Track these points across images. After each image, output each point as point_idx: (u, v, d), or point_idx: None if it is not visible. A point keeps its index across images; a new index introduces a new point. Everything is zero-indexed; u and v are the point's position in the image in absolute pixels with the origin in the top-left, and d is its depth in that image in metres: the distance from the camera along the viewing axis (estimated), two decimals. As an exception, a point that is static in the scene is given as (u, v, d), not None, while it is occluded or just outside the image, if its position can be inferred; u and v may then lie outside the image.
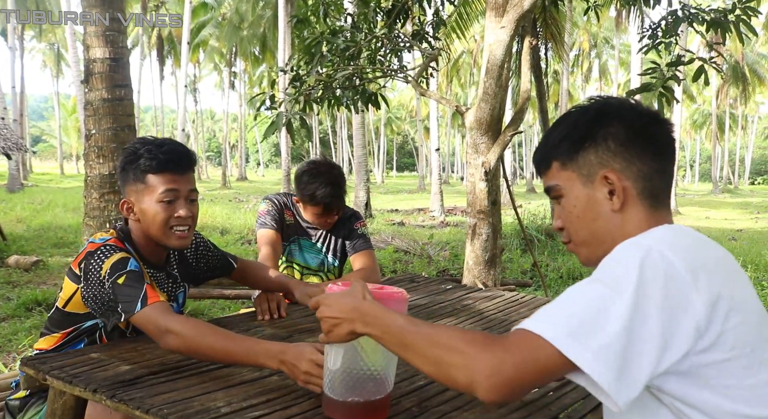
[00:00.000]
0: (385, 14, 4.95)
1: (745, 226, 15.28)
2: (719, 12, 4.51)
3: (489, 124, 4.07)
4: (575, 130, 1.04)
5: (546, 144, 1.08)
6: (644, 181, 1.00)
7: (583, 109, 1.06)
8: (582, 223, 1.04)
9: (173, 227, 1.67)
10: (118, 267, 1.55)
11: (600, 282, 0.87)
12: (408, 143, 62.12)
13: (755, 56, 32.40)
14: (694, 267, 0.86)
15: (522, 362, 0.84)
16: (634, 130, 1.01)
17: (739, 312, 0.87)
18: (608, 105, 1.04)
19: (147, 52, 33.79)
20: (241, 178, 38.92)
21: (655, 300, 0.82)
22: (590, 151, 1.02)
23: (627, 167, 1.00)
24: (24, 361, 1.43)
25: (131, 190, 1.68)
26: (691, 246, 0.92)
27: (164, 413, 1.16)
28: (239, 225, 10.82)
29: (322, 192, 2.30)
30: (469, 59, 31.58)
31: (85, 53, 4.94)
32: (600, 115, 1.03)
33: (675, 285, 0.84)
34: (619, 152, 1.00)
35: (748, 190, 42.12)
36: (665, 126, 1.03)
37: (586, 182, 1.03)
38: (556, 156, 1.06)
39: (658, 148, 1.01)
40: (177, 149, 1.69)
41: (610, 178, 1.00)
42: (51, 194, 17.28)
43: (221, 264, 2.01)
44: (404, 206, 19.42)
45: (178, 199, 1.66)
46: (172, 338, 1.45)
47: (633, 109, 1.03)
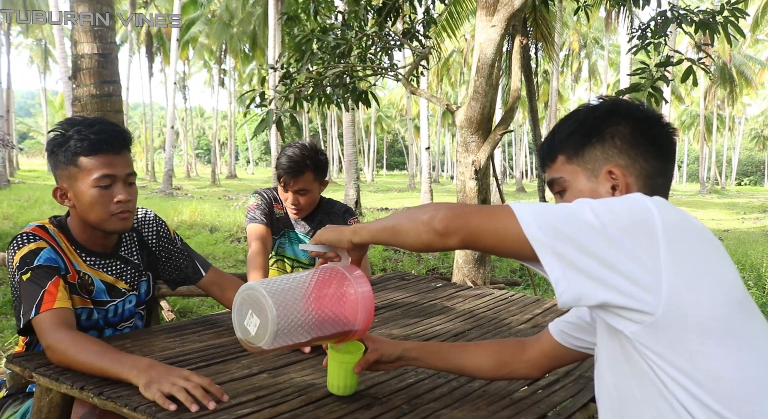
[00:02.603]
0: (375, 12, 4.94)
1: (731, 227, 15.42)
2: (707, 13, 4.55)
3: (479, 123, 4.08)
4: (583, 125, 1.07)
5: (553, 138, 1.11)
6: (646, 178, 1.03)
7: (593, 107, 1.09)
8: None
9: (113, 213, 1.56)
10: (26, 261, 1.47)
11: (576, 203, 0.89)
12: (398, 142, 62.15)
13: (743, 58, 32.69)
14: (669, 220, 0.86)
15: (485, 214, 0.90)
16: (641, 130, 1.04)
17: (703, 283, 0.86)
18: (618, 104, 1.08)
19: (136, 49, 33.57)
20: (231, 175, 38.78)
21: (626, 230, 0.84)
22: (597, 146, 1.05)
23: (631, 165, 1.03)
24: (10, 359, 1.42)
25: (63, 175, 1.56)
26: (682, 215, 0.92)
27: (152, 410, 1.16)
28: (229, 223, 10.77)
29: (285, 156, 2.29)
30: (459, 58, 31.64)
31: (73, 49, 4.89)
32: (609, 113, 1.06)
33: (641, 221, 0.85)
34: (624, 150, 1.03)
35: (735, 191, 42.48)
36: (669, 129, 1.07)
37: (590, 177, 1.05)
38: (562, 149, 1.09)
39: (661, 149, 1.05)
40: (110, 128, 1.57)
41: (615, 174, 1.03)
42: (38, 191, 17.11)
43: (185, 266, 1.83)
44: (394, 205, 19.42)
45: (116, 183, 1.55)
46: (50, 352, 1.38)
47: (641, 111, 1.07)
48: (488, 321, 2.02)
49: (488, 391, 1.39)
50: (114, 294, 1.65)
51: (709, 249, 0.89)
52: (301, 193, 2.33)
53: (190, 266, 1.84)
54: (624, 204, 0.87)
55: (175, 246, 1.83)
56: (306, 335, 1.12)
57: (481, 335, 1.84)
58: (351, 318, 1.16)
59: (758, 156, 58.52)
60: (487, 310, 2.16)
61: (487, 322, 2.00)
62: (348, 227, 1.12)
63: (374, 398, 1.30)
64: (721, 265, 0.89)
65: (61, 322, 1.42)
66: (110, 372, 1.29)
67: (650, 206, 0.86)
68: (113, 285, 1.65)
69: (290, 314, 1.09)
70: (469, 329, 1.91)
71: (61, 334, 1.39)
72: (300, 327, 1.10)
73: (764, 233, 13.57)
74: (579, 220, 0.84)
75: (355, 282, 1.16)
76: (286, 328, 1.08)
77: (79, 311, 1.57)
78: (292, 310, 1.09)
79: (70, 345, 1.36)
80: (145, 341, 1.59)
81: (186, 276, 1.84)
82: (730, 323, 0.85)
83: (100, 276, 1.63)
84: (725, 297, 0.86)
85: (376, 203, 19.79)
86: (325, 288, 1.15)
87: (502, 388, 1.41)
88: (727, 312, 0.85)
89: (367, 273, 2.40)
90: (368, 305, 1.16)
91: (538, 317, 2.09)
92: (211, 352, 1.53)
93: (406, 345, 1.37)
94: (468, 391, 1.38)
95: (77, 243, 1.61)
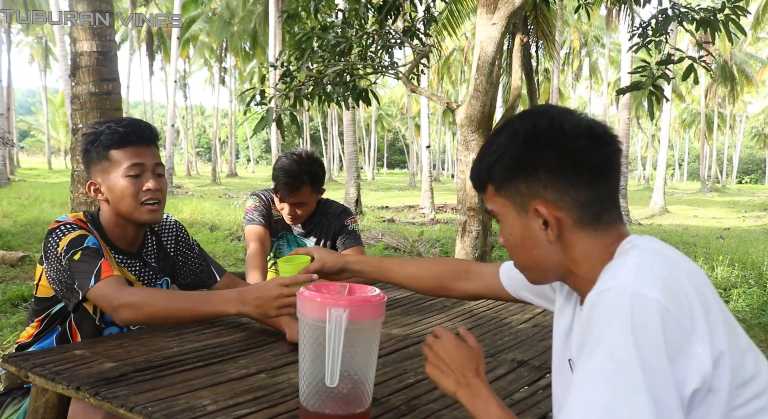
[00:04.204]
0: (376, 10, 4.93)
1: (732, 225, 15.41)
2: (709, 11, 4.53)
3: (480, 122, 4.07)
4: (505, 155, 0.97)
5: (480, 165, 1.02)
6: (580, 209, 0.94)
7: (513, 131, 0.97)
8: (521, 251, 1.00)
9: (143, 202, 1.63)
10: (74, 244, 1.54)
11: (603, 381, 0.77)
12: (399, 140, 62.15)
13: (743, 56, 32.65)
14: (682, 301, 0.80)
15: None
16: (566, 156, 0.93)
17: (724, 330, 0.84)
18: (538, 131, 0.95)
19: (136, 47, 33.54)
20: (231, 174, 38.78)
21: (662, 369, 0.77)
22: (520, 180, 0.96)
23: (560, 197, 0.93)
24: (5, 359, 1.41)
25: (96, 171, 1.65)
26: (668, 269, 0.86)
27: (149, 411, 1.15)
28: (229, 222, 10.77)
29: (282, 170, 2.29)
30: (460, 56, 31.61)
31: (72, 46, 4.88)
32: (528, 141, 0.95)
33: (673, 336, 0.78)
34: (550, 182, 0.93)
35: (736, 189, 42.50)
36: (603, 145, 0.95)
37: (519, 211, 0.97)
38: (490, 179, 1.00)
39: (595, 172, 0.94)
40: (138, 123, 1.67)
41: (541, 211, 0.94)
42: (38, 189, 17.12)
43: (201, 270, 1.90)
44: (395, 203, 19.42)
45: (144, 172, 1.63)
46: (125, 310, 1.45)
47: (564, 133, 0.94)
48: (488, 320, 2.01)
49: (488, 392, 1.38)
50: None
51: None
52: (298, 205, 2.34)
53: (206, 271, 1.90)
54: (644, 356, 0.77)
55: (192, 251, 1.90)
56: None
57: (481, 334, 1.83)
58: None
59: (759, 154, 58.51)
60: (487, 309, 2.15)
61: (487, 322, 1.99)
62: (470, 378, 1.04)
63: (373, 398, 1.29)
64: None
65: (125, 284, 1.51)
66: (201, 311, 1.43)
67: (656, 320, 0.78)
68: (133, 284, 1.70)
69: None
70: (469, 328, 1.89)
71: (133, 290, 1.49)
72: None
73: (765, 231, 13.56)
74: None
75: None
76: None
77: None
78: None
79: (149, 297, 1.47)
80: (143, 340, 1.58)
81: (201, 280, 1.90)
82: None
83: (124, 274, 1.69)
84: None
85: (377, 201, 19.79)
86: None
87: (503, 389, 1.40)
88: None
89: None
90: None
91: (538, 316, 2.08)
92: (209, 352, 1.52)
93: (350, 258, 1.44)
94: (467, 392, 1.37)
95: (108, 239, 1.68)
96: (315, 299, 1.11)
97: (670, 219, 17.26)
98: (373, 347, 1.16)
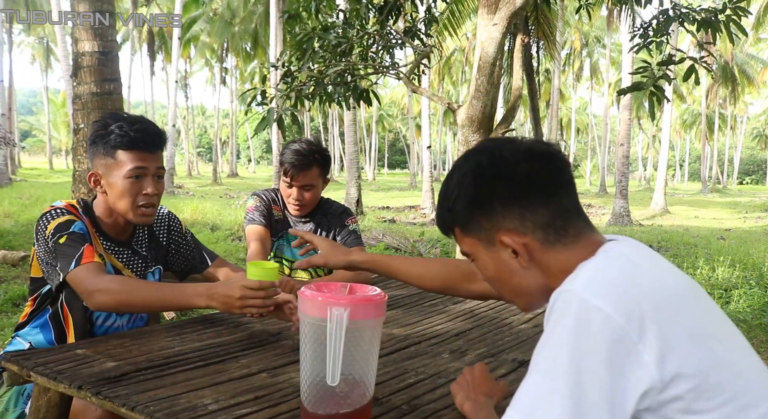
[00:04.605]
0: (377, 11, 4.93)
1: (733, 226, 15.40)
2: (710, 12, 4.53)
3: (480, 122, 4.07)
4: (459, 197, 1.00)
5: (441, 211, 1.05)
6: (543, 229, 0.96)
7: (461, 173, 1.01)
8: (501, 283, 1.03)
9: (139, 204, 1.69)
10: (61, 228, 1.60)
11: (537, 376, 0.83)
12: (399, 140, 62.15)
13: (744, 56, 32.63)
14: (631, 311, 0.80)
15: None
16: (513, 183, 0.96)
17: (689, 342, 0.82)
18: (481, 165, 0.98)
19: (138, 47, 33.58)
20: (232, 174, 38.81)
21: (596, 374, 0.79)
22: (480, 216, 0.98)
23: (520, 224, 0.96)
24: (7, 358, 1.41)
25: (100, 163, 1.70)
26: (627, 277, 0.86)
27: (150, 410, 1.15)
28: (230, 222, 10.78)
29: (291, 151, 2.31)
30: (461, 57, 31.60)
31: (74, 46, 4.89)
32: (476, 178, 0.98)
33: (616, 344, 0.79)
34: (506, 212, 0.96)
35: (737, 190, 42.46)
36: (545, 163, 0.97)
37: (488, 246, 1.00)
38: (454, 222, 1.03)
39: (546, 192, 0.96)
40: (149, 128, 1.69)
41: (506, 241, 0.97)
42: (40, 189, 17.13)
43: (193, 256, 1.98)
44: (395, 203, 19.43)
45: (146, 176, 1.68)
46: (99, 295, 1.50)
47: (506, 162, 0.97)
48: (489, 320, 2.01)
49: (489, 391, 1.39)
50: None
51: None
52: (306, 188, 2.34)
53: (197, 256, 1.99)
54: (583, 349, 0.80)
55: (185, 239, 1.98)
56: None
57: (482, 334, 1.84)
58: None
59: (760, 155, 58.47)
60: (488, 310, 2.15)
61: (488, 322, 1.99)
62: (482, 405, 1.15)
63: (374, 398, 1.29)
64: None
65: (104, 271, 1.56)
66: (172, 302, 1.49)
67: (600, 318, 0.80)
68: (120, 271, 1.75)
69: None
70: (470, 329, 1.90)
71: (109, 277, 1.53)
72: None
73: (766, 232, 13.55)
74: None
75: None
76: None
77: None
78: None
79: (123, 284, 1.52)
80: (144, 340, 1.58)
81: (193, 265, 1.99)
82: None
83: (111, 261, 1.74)
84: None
85: (378, 202, 19.80)
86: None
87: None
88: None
89: (366, 274, 2.39)
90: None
91: (539, 316, 2.08)
92: (210, 352, 1.53)
93: (356, 256, 1.48)
94: (468, 391, 1.37)
95: (98, 226, 1.73)
96: (316, 298, 1.12)
97: (670, 219, 17.25)
98: (374, 346, 1.16)
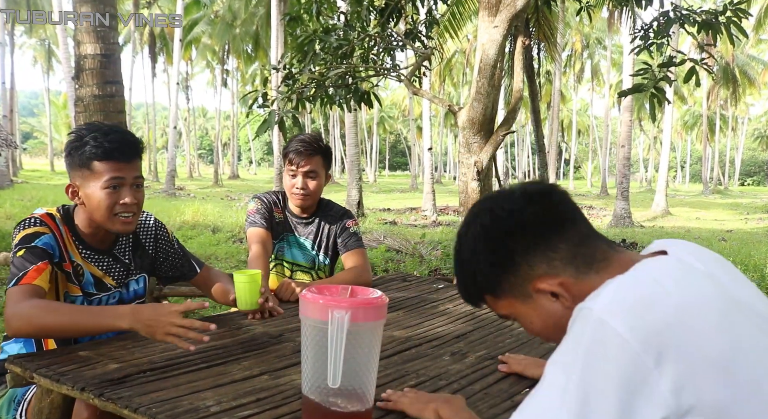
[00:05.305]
0: (378, 13, 4.94)
1: (734, 227, 15.39)
2: (710, 13, 4.54)
3: (481, 124, 4.07)
4: (478, 265, 0.98)
5: (464, 287, 1.04)
6: (572, 261, 0.94)
7: (469, 242, 0.99)
8: (551, 330, 0.99)
9: (118, 213, 1.68)
10: (25, 241, 1.60)
11: (546, 389, 0.83)
12: (400, 142, 62.14)
13: (745, 58, 32.63)
14: (648, 337, 0.78)
15: None
16: (526, 232, 0.95)
17: (710, 373, 0.78)
18: (485, 227, 0.97)
19: (139, 49, 33.61)
20: (233, 176, 38.83)
21: (605, 397, 0.77)
22: (507, 275, 0.97)
23: (548, 266, 0.94)
24: (10, 360, 1.42)
25: (76, 175, 1.69)
26: (648, 301, 0.82)
27: (153, 412, 1.15)
28: (231, 224, 10.79)
29: (296, 141, 2.38)
30: (461, 59, 31.62)
31: (76, 49, 4.90)
32: (487, 242, 0.97)
33: (631, 369, 0.77)
34: (530, 260, 0.94)
35: (738, 191, 42.42)
36: (544, 200, 0.96)
37: (525, 301, 0.98)
38: (483, 291, 1.01)
39: (558, 226, 0.95)
40: (124, 138, 1.69)
41: (542, 288, 0.95)
42: (41, 191, 17.15)
43: (182, 264, 1.99)
44: (396, 205, 19.43)
45: (123, 186, 1.68)
46: (15, 320, 1.48)
47: (510, 215, 0.95)
48: (490, 322, 2.01)
49: (489, 393, 1.39)
50: (100, 288, 1.76)
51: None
52: (310, 175, 2.37)
53: (186, 265, 2.00)
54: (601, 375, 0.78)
55: (172, 247, 1.97)
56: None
57: (482, 337, 1.84)
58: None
59: (761, 156, 58.40)
60: (489, 312, 2.15)
61: (489, 324, 1.99)
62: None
63: (375, 400, 1.30)
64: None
65: (35, 295, 1.53)
66: (93, 325, 1.46)
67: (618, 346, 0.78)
68: (101, 279, 1.76)
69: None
70: (471, 331, 1.90)
71: (33, 302, 1.50)
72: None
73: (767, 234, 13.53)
74: None
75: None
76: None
77: (72, 298, 1.70)
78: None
79: (42, 310, 1.49)
80: (147, 342, 1.59)
81: (182, 273, 2.00)
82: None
83: (90, 269, 1.74)
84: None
85: (379, 204, 19.80)
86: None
87: (504, 391, 1.41)
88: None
89: (367, 275, 2.40)
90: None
91: (539, 318, 2.09)
92: (213, 354, 1.53)
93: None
94: (469, 393, 1.38)
95: (77, 234, 1.72)
96: (317, 301, 1.12)
97: (672, 221, 17.24)
98: (375, 349, 1.17)
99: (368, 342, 1.15)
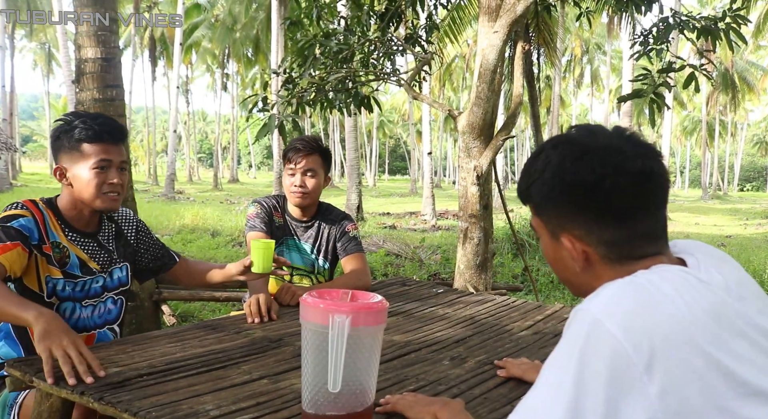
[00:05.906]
0: (378, 18, 4.95)
1: (734, 232, 15.40)
2: (709, 20, 4.55)
3: (481, 129, 4.08)
4: (538, 183, 0.97)
5: (521, 185, 1.03)
6: (607, 246, 0.93)
7: (546, 160, 0.96)
8: (556, 269, 1.04)
9: (105, 192, 1.76)
10: (3, 220, 1.65)
11: (541, 388, 0.85)
12: (400, 147, 62.18)
13: (744, 64, 32.73)
14: (641, 341, 0.79)
15: None
16: (591, 197, 0.91)
17: (696, 382, 0.80)
18: (564, 165, 0.93)
19: (139, 53, 33.63)
20: (233, 180, 38.82)
21: (596, 396, 0.79)
22: (551, 210, 0.97)
23: (585, 234, 0.94)
24: (10, 363, 1.42)
25: (65, 157, 1.77)
26: (643, 307, 0.83)
27: (152, 416, 1.16)
28: (230, 227, 10.78)
29: (294, 142, 2.44)
30: (461, 63, 31.67)
31: (77, 53, 4.90)
32: (556, 176, 0.94)
33: (621, 371, 0.79)
34: (576, 218, 0.94)
35: (737, 197, 42.44)
36: (634, 185, 0.90)
37: (551, 237, 1.00)
38: (528, 200, 1.02)
39: (622, 214, 0.91)
40: (111, 122, 1.80)
41: (566, 245, 0.96)
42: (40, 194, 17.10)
43: (162, 255, 2.06)
44: (396, 209, 19.43)
45: (110, 168, 1.76)
46: None
47: (592, 172, 0.90)
48: (490, 327, 2.01)
49: (489, 398, 1.39)
50: (85, 272, 1.80)
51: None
52: (309, 173, 2.39)
53: (166, 255, 2.08)
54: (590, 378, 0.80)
55: (152, 238, 2.07)
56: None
57: (482, 341, 1.84)
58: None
59: (761, 162, 58.48)
60: (489, 316, 2.16)
61: (489, 328, 1.99)
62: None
63: (374, 404, 1.30)
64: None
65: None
66: (9, 311, 1.46)
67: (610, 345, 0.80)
68: (86, 262, 1.81)
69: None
70: (470, 335, 1.90)
71: None
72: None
73: (767, 239, 13.54)
74: None
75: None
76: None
77: (54, 281, 1.73)
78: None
79: None
80: (146, 345, 1.59)
81: (163, 263, 2.07)
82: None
83: (76, 252, 1.79)
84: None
85: (378, 208, 19.80)
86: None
87: (503, 396, 1.41)
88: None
89: (366, 279, 2.41)
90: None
91: (539, 323, 2.09)
92: (212, 358, 1.53)
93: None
94: (469, 398, 1.38)
95: (63, 218, 1.79)
96: (318, 305, 1.13)
97: (671, 226, 17.23)
98: (375, 353, 1.17)
99: (368, 346, 1.15)
